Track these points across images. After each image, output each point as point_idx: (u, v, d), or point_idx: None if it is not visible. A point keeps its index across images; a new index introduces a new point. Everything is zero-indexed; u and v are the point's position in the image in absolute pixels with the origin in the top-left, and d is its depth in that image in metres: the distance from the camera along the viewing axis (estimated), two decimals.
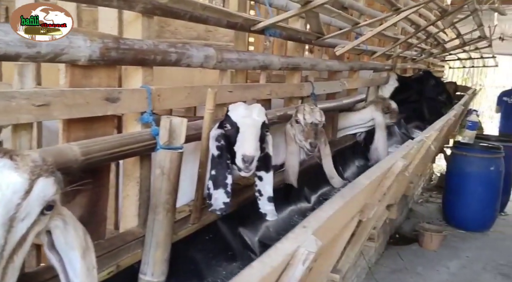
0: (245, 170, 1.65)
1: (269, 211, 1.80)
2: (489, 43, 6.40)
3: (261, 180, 1.79)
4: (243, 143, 1.64)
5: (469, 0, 3.51)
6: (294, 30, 2.35)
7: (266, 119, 1.72)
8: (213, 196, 1.71)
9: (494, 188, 5.44)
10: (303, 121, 2.15)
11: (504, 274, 4.36)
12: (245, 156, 1.62)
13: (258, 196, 1.80)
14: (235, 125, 1.68)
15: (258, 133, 1.67)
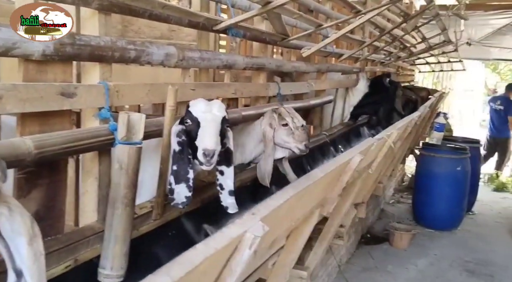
0: (206, 163, 1.68)
1: (230, 204, 1.83)
2: (455, 47, 6.62)
3: (222, 174, 1.83)
4: (204, 137, 1.67)
5: (431, 5, 3.64)
6: (258, 31, 2.40)
7: (226, 115, 1.76)
8: (175, 190, 1.73)
9: (461, 187, 5.61)
10: (292, 125, 2.21)
11: (469, 270, 4.49)
12: (206, 149, 1.65)
13: (219, 190, 1.84)
14: (196, 121, 1.71)
15: (218, 128, 1.71)
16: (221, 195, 1.84)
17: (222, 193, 1.84)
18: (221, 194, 1.84)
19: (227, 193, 1.83)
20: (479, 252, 4.93)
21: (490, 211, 6.68)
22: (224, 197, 1.83)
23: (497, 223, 6.09)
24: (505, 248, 5.10)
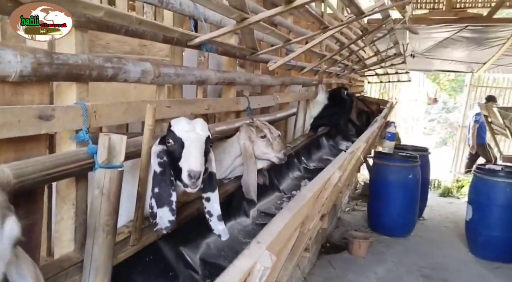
0: (191, 186, 1.62)
1: (221, 230, 1.79)
2: (403, 60, 6.94)
3: (208, 201, 1.78)
4: (189, 158, 1.61)
5: (387, 20, 3.79)
6: (230, 46, 2.38)
7: (210, 134, 1.71)
8: (157, 214, 1.65)
9: (413, 194, 5.84)
10: (270, 136, 2.30)
11: (425, 276, 4.66)
12: (192, 171, 1.59)
13: (208, 218, 1.79)
14: (179, 140, 1.65)
15: (203, 148, 1.65)
16: (211, 222, 1.79)
17: (211, 220, 1.79)
18: (210, 221, 1.79)
19: (216, 219, 1.79)
20: (432, 257, 5.14)
21: (438, 215, 7.01)
22: (214, 223, 1.79)
23: (446, 227, 6.40)
24: (456, 252, 5.36)
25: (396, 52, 5.34)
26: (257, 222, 2.69)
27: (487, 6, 7.74)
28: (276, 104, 3.43)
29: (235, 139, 2.40)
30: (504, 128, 6.04)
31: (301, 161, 3.94)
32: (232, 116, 2.61)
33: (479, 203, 5.19)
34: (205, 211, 1.82)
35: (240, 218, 2.62)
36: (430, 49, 9.49)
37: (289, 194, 3.26)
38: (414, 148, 7.10)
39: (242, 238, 2.45)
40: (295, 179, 3.60)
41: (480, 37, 8.54)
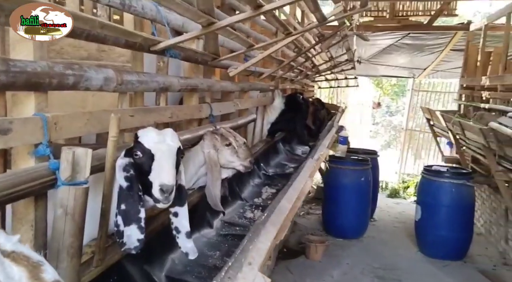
0: (164, 201, 1.51)
1: (190, 248, 1.68)
2: (353, 65, 7.13)
3: (176, 216, 1.67)
4: (160, 172, 1.51)
5: (342, 27, 3.85)
6: (193, 51, 2.29)
7: (181, 145, 1.61)
8: (125, 233, 1.53)
9: (365, 196, 5.99)
10: (235, 144, 2.21)
11: (379, 276, 4.78)
12: (164, 185, 1.48)
13: (175, 234, 1.67)
14: (149, 153, 1.53)
15: (174, 160, 1.55)
16: (178, 239, 1.67)
17: (179, 237, 1.67)
18: (178, 239, 1.67)
19: (185, 236, 1.68)
20: (385, 258, 5.29)
21: (388, 216, 7.25)
22: (182, 241, 1.68)
23: (396, 227, 6.63)
24: (407, 251, 5.55)
25: (348, 58, 5.46)
26: (222, 232, 2.60)
27: (427, 15, 8.14)
28: (236, 110, 3.37)
29: (199, 148, 2.30)
30: (447, 131, 6.33)
31: (261, 168, 3.89)
32: (194, 124, 2.52)
33: (426, 203, 5.41)
34: (172, 227, 1.71)
35: (204, 229, 2.52)
36: (375, 55, 9.85)
37: (251, 202, 3.20)
38: (364, 151, 7.31)
39: (207, 251, 2.35)
40: (256, 186, 3.54)
41: (421, 44, 8.97)
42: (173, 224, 1.66)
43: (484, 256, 5.41)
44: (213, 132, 2.33)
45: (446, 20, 11.13)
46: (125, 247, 1.50)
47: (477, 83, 6.74)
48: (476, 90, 6.79)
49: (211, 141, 2.28)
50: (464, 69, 7.66)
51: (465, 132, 5.01)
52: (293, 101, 4.70)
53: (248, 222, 2.87)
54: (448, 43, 8.65)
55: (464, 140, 5.49)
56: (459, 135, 5.56)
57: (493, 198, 5.89)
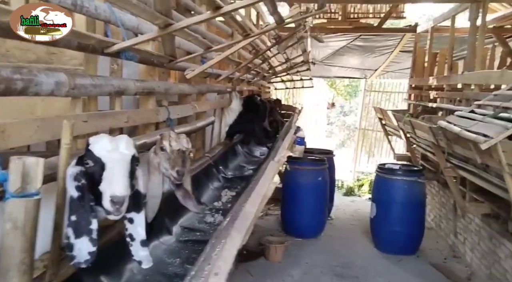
0: (115, 212, 1.44)
1: (144, 257, 1.61)
2: (308, 67, 7.23)
3: (132, 223, 1.59)
4: (112, 182, 1.43)
5: (298, 29, 3.89)
6: (149, 53, 2.22)
7: (136, 152, 1.55)
8: (75, 246, 1.44)
9: (322, 196, 6.08)
10: (169, 149, 1.99)
11: (338, 274, 4.87)
12: (115, 196, 1.41)
13: (129, 242, 1.59)
14: (100, 161, 1.46)
15: (128, 169, 1.48)
16: (132, 247, 1.60)
17: (132, 245, 1.60)
18: (131, 246, 1.60)
19: (139, 244, 1.60)
20: (343, 256, 5.39)
21: (344, 214, 7.41)
22: (135, 249, 1.60)
23: (352, 225, 6.78)
24: (363, 248, 5.69)
25: (304, 60, 5.53)
26: (181, 239, 2.55)
27: (377, 17, 8.40)
28: (193, 113, 3.31)
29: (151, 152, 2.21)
30: (398, 130, 6.56)
31: (220, 170, 3.86)
32: (152, 128, 2.44)
33: (381, 200, 5.58)
34: (126, 234, 1.63)
35: (163, 236, 2.46)
36: (329, 57, 10.06)
37: (210, 206, 3.16)
38: (320, 151, 7.42)
39: (167, 258, 2.30)
40: (215, 189, 3.50)
41: (372, 46, 9.26)
42: (128, 230, 1.59)
43: (435, 250, 5.64)
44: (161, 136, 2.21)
45: (394, 22, 11.54)
46: (74, 260, 1.42)
47: (425, 83, 7.03)
48: (424, 90, 7.09)
49: (156, 145, 2.16)
50: (413, 70, 7.98)
51: (416, 131, 5.21)
52: (251, 103, 4.70)
53: (209, 226, 2.83)
54: (397, 44, 8.98)
55: (415, 138, 5.70)
56: (410, 134, 5.77)
57: (442, 193, 6.16)
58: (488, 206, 4.47)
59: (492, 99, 3.77)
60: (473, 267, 4.95)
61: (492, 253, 4.43)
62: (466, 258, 5.17)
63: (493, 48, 7.34)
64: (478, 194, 4.55)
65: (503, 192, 3.36)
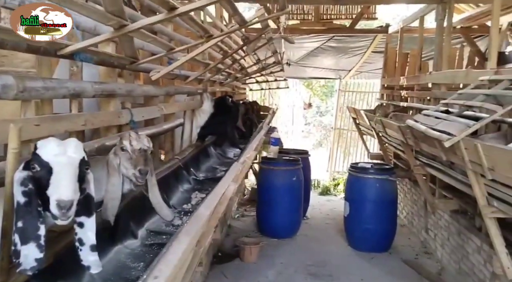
0: (62, 217, 1.41)
1: (93, 262, 1.58)
2: (281, 68, 7.25)
3: (82, 227, 1.56)
4: (58, 186, 1.40)
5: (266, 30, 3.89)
6: (107, 55, 2.18)
7: (85, 155, 1.52)
8: (21, 252, 1.40)
9: (297, 196, 6.12)
10: (130, 148, 1.98)
11: (312, 273, 4.90)
12: (61, 201, 1.39)
13: (78, 246, 1.56)
14: (47, 166, 1.42)
15: (76, 173, 1.46)
16: (81, 251, 1.57)
17: (82, 250, 1.57)
18: (80, 251, 1.57)
19: (89, 249, 1.57)
20: (317, 255, 5.42)
21: (320, 214, 7.46)
22: (84, 254, 1.57)
23: (327, 224, 6.83)
24: (337, 247, 5.74)
25: (275, 61, 5.54)
26: (147, 242, 2.50)
27: (349, 18, 8.50)
28: (161, 115, 3.28)
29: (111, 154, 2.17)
30: (371, 129, 6.64)
31: (190, 172, 3.82)
32: (113, 131, 2.40)
33: (354, 199, 5.64)
34: (75, 238, 1.59)
35: (127, 240, 2.41)
36: (303, 58, 10.12)
37: (179, 209, 3.13)
38: (295, 151, 7.47)
39: (130, 263, 2.25)
40: (185, 191, 3.47)
41: (345, 47, 9.35)
42: (77, 235, 1.56)
43: (407, 246, 5.73)
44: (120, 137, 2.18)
45: (368, 23, 11.70)
46: (21, 268, 1.38)
47: (396, 83, 7.15)
48: (396, 89, 7.20)
49: (117, 145, 2.13)
50: (385, 70, 8.10)
51: (386, 130, 5.28)
52: (222, 104, 4.68)
53: (176, 229, 2.80)
54: (370, 45, 9.09)
55: (386, 137, 5.78)
56: (381, 133, 5.85)
57: (414, 190, 6.26)
58: (456, 202, 4.57)
59: (456, 98, 3.85)
60: (443, 263, 5.05)
61: (461, 248, 4.53)
62: (437, 253, 5.27)
63: (461, 48, 7.52)
64: (447, 190, 4.66)
65: (467, 188, 3.43)
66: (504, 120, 3.42)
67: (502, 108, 2.96)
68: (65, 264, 1.81)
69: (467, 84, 4.78)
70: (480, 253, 4.08)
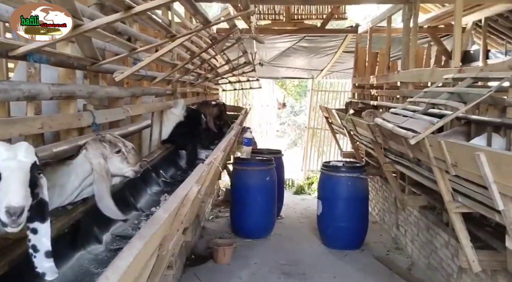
0: (12, 224, 1.36)
1: (48, 268, 1.53)
2: (253, 68, 7.25)
3: (35, 233, 1.51)
4: (7, 192, 1.36)
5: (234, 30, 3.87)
6: (65, 56, 2.12)
7: (37, 159, 1.47)
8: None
9: (271, 195, 6.12)
10: (125, 149, 2.14)
11: (285, 272, 4.90)
12: (11, 207, 1.34)
13: (32, 253, 1.51)
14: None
15: (27, 178, 1.41)
16: (35, 258, 1.52)
17: (36, 256, 1.52)
18: (34, 258, 1.52)
19: (43, 255, 1.52)
20: (291, 254, 5.44)
21: (294, 213, 7.49)
22: (39, 260, 1.52)
23: (301, 223, 6.86)
24: (311, 245, 5.77)
25: (246, 61, 5.53)
26: (112, 247, 2.45)
27: (320, 18, 8.56)
28: (127, 117, 3.21)
29: (83, 158, 2.14)
30: (342, 127, 6.71)
31: (160, 175, 3.77)
32: (74, 134, 2.34)
33: (326, 197, 5.68)
34: (28, 245, 1.54)
35: (91, 245, 2.35)
36: (276, 58, 10.15)
37: (148, 212, 3.07)
38: (269, 151, 7.48)
39: (94, 269, 2.20)
40: (154, 194, 3.42)
41: (316, 47, 9.43)
42: (30, 241, 1.51)
43: (379, 243, 5.81)
44: (100, 140, 2.20)
45: (339, 23, 11.82)
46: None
47: (366, 82, 7.24)
48: (366, 88, 7.30)
49: (97, 150, 2.14)
50: (355, 69, 8.20)
51: (357, 128, 5.34)
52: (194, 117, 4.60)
53: None
54: (340, 45, 9.19)
55: (357, 135, 5.84)
56: (353, 131, 5.91)
57: (385, 188, 6.36)
58: (424, 198, 4.66)
59: (422, 96, 3.92)
60: (413, 258, 5.15)
61: (430, 243, 4.62)
62: (407, 249, 5.37)
63: (429, 47, 7.68)
64: (416, 187, 4.74)
65: (434, 184, 3.49)
66: (467, 117, 3.50)
67: (465, 106, 3.03)
68: (21, 272, 1.75)
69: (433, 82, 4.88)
70: (448, 247, 4.17)
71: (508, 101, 2.97)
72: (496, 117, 3.29)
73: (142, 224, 2.89)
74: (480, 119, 3.41)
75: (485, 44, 6.77)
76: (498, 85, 2.92)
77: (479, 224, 3.64)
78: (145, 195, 3.39)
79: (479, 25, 7.01)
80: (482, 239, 3.50)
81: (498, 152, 2.44)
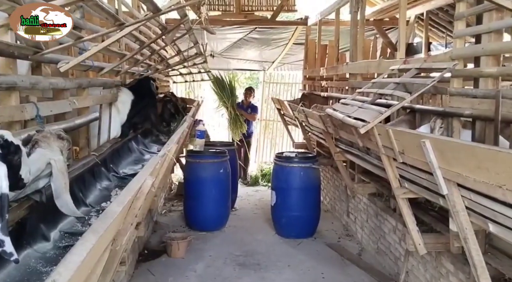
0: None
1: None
2: (204, 59, 7.16)
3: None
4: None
5: (184, 19, 3.80)
6: (4, 44, 1.99)
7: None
8: None
9: (225, 188, 6.11)
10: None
11: (240, 263, 4.93)
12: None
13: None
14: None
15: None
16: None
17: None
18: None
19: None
20: (246, 245, 5.47)
21: (248, 204, 7.53)
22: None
23: (255, 214, 6.92)
24: (265, 236, 5.83)
25: (197, 52, 5.45)
26: (60, 245, 2.35)
27: (270, 10, 8.60)
28: (73, 109, 3.08)
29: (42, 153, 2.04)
30: (294, 119, 6.80)
31: (110, 169, 3.65)
32: (16, 127, 2.21)
33: (279, 188, 5.76)
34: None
35: (38, 244, 2.25)
36: (227, 49, 10.10)
37: (98, 207, 2.97)
38: (222, 143, 7.46)
39: (42, 267, 2.10)
40: (104, 189, 3.30)
41: (267, 38, 9.47)
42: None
43: (331, 231, 5.98)
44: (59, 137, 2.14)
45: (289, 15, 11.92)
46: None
47: (316, 74, 7.38)
48: (317, 80, 7.44)
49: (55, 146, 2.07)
50: (305, 61, 8.33)
51: (308, 119, 5.44)
52: (140, 85, 4.51)
53: None
54: (291, 37, 9.29)
55: (309, 126, 5.95)
56: (304, 122, 6.01)
57: (336, 177, 6.54)
58: (373, 186, 4.84)
59: (371, 87, 4.05)
60: (363, 244, 5.34)
61: (378, 228, 4.81)
62: (357, 235, 5.56)
63: (375, 39, 7.93)
64: (365, 175, 4.91)
65: (382, 172, 3.63)
66: (412, 107, 3.66)
67: (410, 95, 3.16)
68: None
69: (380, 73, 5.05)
70: (396, 232, 4.36)
71: (450, 90, 3.13)
72: (438, 106, 3.46)
73: (93, 220, 2.80)
74: (424, 109, 3.57)
75: (427, 37, 7.08)
76: (441, 75, 3.06)
77: (424, 208, 3.84)
78: (95, 190, 3.27)
79: (421, 19, 7.32)
80: (427, 223, 3.70)
81: (442, 138, 2.57)
